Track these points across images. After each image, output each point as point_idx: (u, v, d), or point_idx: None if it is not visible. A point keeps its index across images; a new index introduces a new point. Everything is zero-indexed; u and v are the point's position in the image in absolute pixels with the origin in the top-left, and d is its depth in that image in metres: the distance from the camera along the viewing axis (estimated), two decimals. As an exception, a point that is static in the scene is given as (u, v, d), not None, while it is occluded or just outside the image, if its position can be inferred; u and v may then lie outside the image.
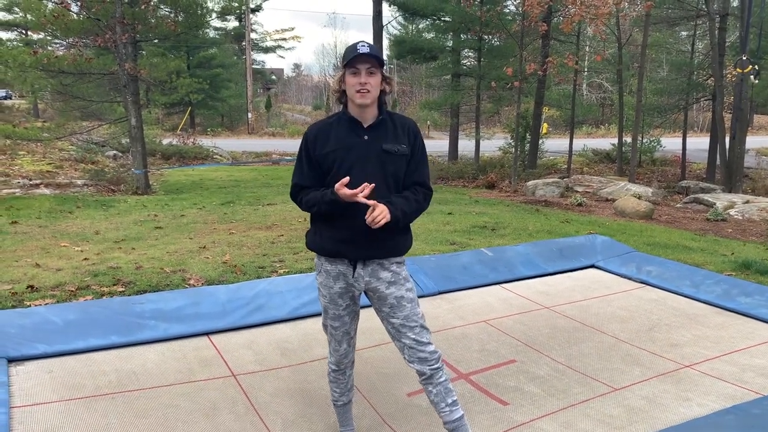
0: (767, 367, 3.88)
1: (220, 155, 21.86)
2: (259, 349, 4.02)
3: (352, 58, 2.51)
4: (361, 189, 2.45)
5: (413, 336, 2.64)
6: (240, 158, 22.74)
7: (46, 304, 4.64)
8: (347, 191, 2.45)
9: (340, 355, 2.84)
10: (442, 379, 2.65)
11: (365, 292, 2.75)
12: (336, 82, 2.63)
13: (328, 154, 2.60)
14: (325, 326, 2.85)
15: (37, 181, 12.99)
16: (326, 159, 2.61)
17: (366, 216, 2.49)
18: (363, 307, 2.87)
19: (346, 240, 2.62)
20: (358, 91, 2.54)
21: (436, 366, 2.64)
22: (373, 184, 2.48)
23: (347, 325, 2.79)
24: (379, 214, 2.47)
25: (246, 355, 3.91)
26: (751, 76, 12.43)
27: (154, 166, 17.09)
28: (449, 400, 2.65)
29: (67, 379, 3.47)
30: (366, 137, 2.61)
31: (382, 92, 2.62)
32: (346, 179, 2.46)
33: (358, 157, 2.59)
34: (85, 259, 6.18)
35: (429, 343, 2.65)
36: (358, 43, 2.56)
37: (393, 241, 2.68)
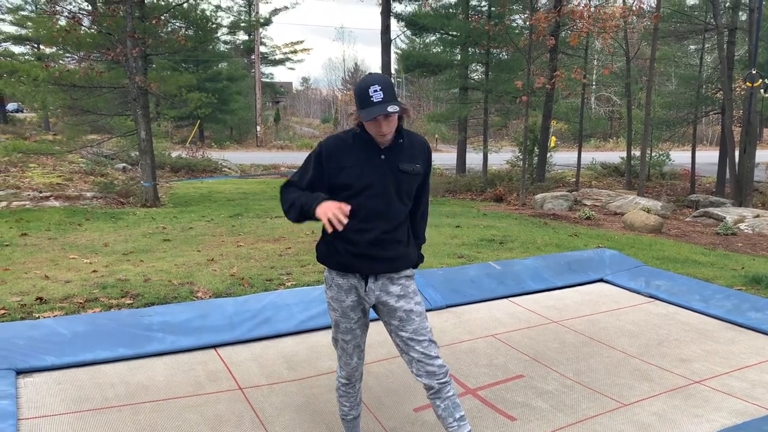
0: (778, 383, 3.85)
1: (229, 168, 21.95)
2: (266, 362, 4.01)
3: (371, 115, 2.47)
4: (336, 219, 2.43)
5: (421, 350, 2.64)
6: (248, 171, 22.82)
7: (55, 316, 4.66)
8: (332, 211, 2.44)
9: (351, 368, 2.84)
10: (449, 394, 2.64)
11: (374, 306, 2.76)
12: (354, 118, 2.62)
13: (344, 169, 2.61)
14: (335, 340, 2.85)
15: (47, 194, 13.08)
16: (341, 174, 2.61)
17: None
18: (372, 320, 2.88)
19: (360, 255, 2.64)
20: (377, 134, 2.56)
21: (444, 380, 2.63)
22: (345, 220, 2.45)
23: (358, 338, 2.80)
24: None
25: (253, 369, 3.91)
26: (761, 90, 12.41)
27: (163, 178, 17.19)
28: (457, 415, 2.63)
29: (74, 392, 3.48)
30: (383, 157, 2.63)
31: (399, 118, 2.64)
32: (348, 208, 2.47)
33: (376, 175, 2.61)
34: (94, 271, 6.21)
35: (437, 357, 2.65)
36: (369, 88, 2.47)
37: (403, 255, 2.73)
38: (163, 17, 12.91)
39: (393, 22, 19.72)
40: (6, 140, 13.97)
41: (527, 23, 16.01)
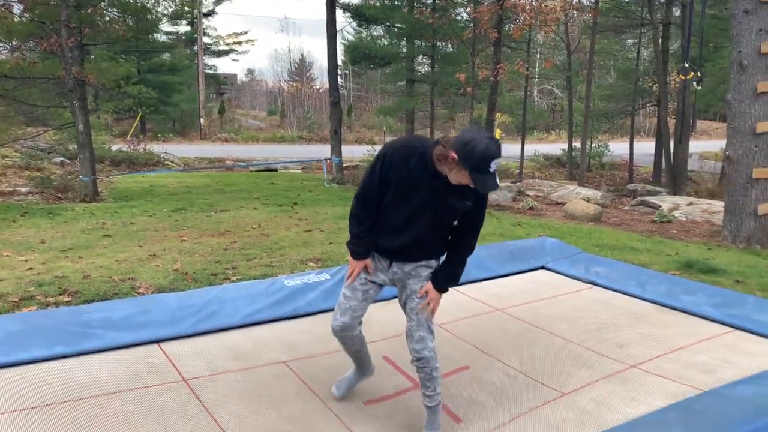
0: (708, 363, 4.01)
1: (172, 161, 21.48)
2: (210, 355, 3.95)
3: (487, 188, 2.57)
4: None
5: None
6: (192, 164, 22.39)
7: (-12, 315, 4.48)
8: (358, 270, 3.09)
9: (337, 324, 3.14)
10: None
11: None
12: (445, 155, 2.55)
13: (397, 177, 2.68)
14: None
15: (-21, 189, 12.55)
16: (392, 180, 2.70)
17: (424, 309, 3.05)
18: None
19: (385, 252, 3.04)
20: (455, 181, 2.61)
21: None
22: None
23: (358, 301, 3.15)
24: (435, 304, 3.08)
25: (197, 362, 3.85)
26: (694, 83, 12.84)
27: (103, 172, 16.69)
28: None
29: (8, 392, 3.35)
30: (435, 184, 2.65)
31: None
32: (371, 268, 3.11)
33: (420, 197, 2.69)
34: (30, 269, 5.99)
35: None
36: (492, 160, 2.46)
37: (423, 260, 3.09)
38: (99, 6, 12.50)
39: (339, 13, 19.63)
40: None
41: (471, 16, 16.16)
